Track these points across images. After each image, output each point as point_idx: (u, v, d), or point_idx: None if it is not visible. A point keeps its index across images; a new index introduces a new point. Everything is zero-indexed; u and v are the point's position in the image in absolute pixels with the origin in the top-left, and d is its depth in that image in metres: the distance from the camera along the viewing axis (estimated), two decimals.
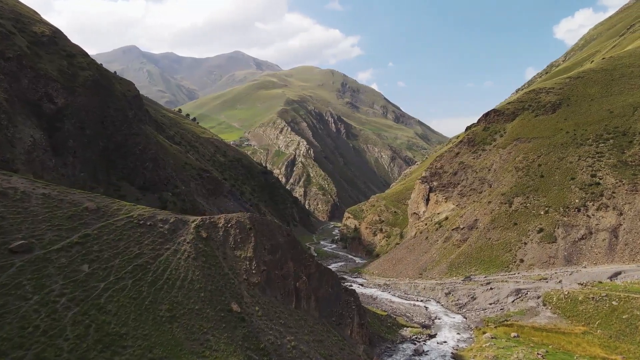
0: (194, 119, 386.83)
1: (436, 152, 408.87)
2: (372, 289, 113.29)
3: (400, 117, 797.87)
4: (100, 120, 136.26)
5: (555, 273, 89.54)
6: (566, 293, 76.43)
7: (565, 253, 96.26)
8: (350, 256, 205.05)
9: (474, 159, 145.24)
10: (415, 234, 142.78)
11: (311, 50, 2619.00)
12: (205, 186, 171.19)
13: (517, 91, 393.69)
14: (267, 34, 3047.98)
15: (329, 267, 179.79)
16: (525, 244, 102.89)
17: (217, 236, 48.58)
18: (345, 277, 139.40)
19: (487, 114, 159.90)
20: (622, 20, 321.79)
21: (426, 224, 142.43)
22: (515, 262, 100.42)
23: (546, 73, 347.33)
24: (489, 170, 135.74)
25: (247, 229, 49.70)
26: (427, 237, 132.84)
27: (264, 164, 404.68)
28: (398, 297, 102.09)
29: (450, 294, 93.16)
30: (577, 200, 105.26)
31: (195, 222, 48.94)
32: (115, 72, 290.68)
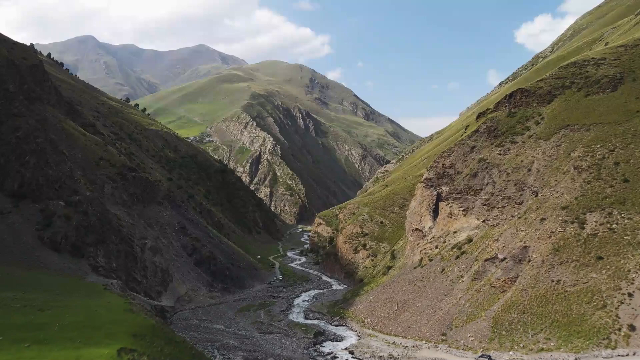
0: (144, 110, 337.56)
1: (413, 150, 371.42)
2: None
3: (371, 114, 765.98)
4: None
5: None
6: None
7: None
8: (324, 277, 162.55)
9: (500, 154, 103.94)
10: (421, 260, 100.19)
11: (280, 47, 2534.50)
12: (128, 190, 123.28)
13: (500, 84, 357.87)
14: (235, 30, 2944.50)
15: (299, 297, 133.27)
16: (631, 295, 61.24)
17: None
18: (322, 325, 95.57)
19: (511, 95, 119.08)
20: (614, 9, 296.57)
21: (437, 247, 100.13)
22: (619, 328, 58.76)
23: (532, 65, 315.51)
24: (529, 170, 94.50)
25: None
26: (443, 270, 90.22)
27: (226, 162, 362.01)
28: None
29: None
30: None
31: None
32: (62, 63, 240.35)
